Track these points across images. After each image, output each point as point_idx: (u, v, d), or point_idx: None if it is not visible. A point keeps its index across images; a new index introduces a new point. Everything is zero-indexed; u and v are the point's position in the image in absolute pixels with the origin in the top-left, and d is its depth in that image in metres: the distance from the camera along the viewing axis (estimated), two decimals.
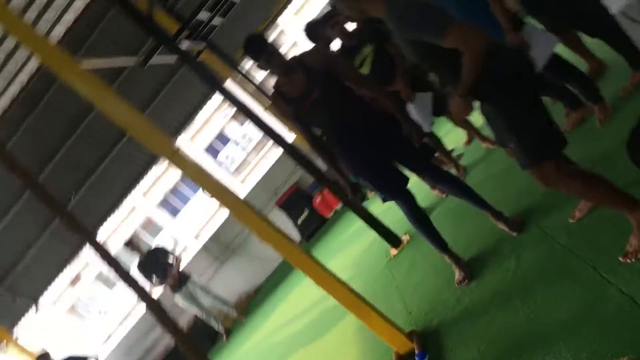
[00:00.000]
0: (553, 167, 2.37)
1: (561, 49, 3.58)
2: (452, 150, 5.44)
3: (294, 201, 9.13)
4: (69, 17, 6.61)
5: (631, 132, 1.59)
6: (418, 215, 3.61)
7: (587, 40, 3.69)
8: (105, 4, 7.37)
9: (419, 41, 2.37)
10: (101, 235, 9.99)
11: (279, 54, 3.40)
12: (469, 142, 5.44)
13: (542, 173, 2.39)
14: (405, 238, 4.83)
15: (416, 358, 2.80)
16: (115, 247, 10.00)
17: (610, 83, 3.62)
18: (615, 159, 2.78)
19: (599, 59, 3.78)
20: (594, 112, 3.44)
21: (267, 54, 3.33)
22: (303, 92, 3.35)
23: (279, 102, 3.46)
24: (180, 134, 8.89)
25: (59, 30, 6.72)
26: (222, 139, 28.41)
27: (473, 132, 5.09)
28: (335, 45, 4.54)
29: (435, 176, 3.64)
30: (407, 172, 3.59)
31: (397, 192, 3.49)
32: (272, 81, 3.56)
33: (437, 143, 5.03)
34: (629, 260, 2.28)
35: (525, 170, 2.46)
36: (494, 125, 2.56)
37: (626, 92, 3.35)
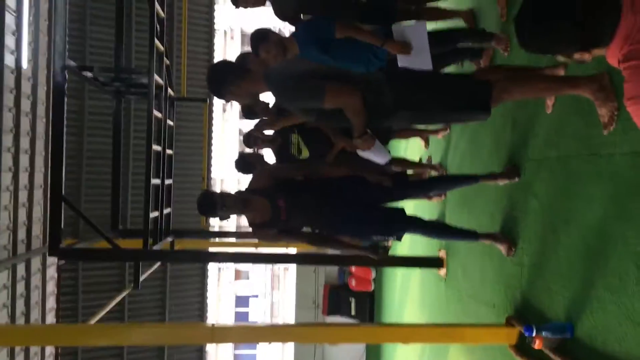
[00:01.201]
0: (498, 95, 2.56)
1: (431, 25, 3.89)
2: (420, 159, 5.64)
3: (336, 299, 9.11)
4: (50, 303, 6.81)
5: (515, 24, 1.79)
6: (435, 229, 3.73)
7: (442, 3, 4.01)
8: (72, 269, 7.62)
9: (307, 107, 2.69)
10: None
11: (230, 197, 3.51)
12: (426, 144, 5.65)
13: (497, 103, 2.61)
14: (442, 254, 4.89)
15: (526, 335, 2.82)
16: None
17: (488, 18, 3.92)
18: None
19: (465, 9, 4.10)
20: (495, 48, 3.70)
21: (220, 206, 3.44)
22: (272, 210, 3.48)
23: (262, 233, 3.59)
24: (206, 317, 8.94)
25: (50, 319, 6.87)
26: (241, 301, 28.14)
27: (423, 134, 5.32)
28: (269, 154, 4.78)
29: (421, 188, 3.79)
30: (399, 204, 3.74)
31: (403, 224, 3.60)
32: (244, 220, 3.71)
33: (405, 162, 5.23)
34: (611, 128, 2.43)
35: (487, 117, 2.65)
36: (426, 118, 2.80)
37: (504, 15, 3.63)
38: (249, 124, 4.82)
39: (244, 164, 4.68)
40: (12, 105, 6.07)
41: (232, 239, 7.76)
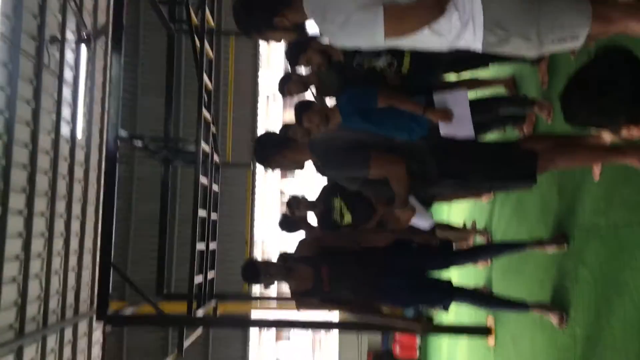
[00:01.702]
0: (543, 164, 2.57)
1: (472, 93, 3.93)
2: (464, 223, 5.57)
3: None
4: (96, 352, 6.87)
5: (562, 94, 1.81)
6: (483, 299, 3.66)
7: (485, 72, 4.07)
8: (117, 333, 7.70)
9: (351, 176, 2.74)
10: None
11: (273, 266, 3.50)
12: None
13: (542, 172, 2.63)
14: (490, 322, 4.74)
15: None
16: None
17: (529, 85, 3.94)
18: None
19: (505, 77, 4.14)
20: (538, 114, 3.70)
21: (264, 274, 3.44)
22: (314, 278, 3.44)
23: (304, 302, 3.55)
24: None
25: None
26: None
27: (467, 196, 5.27)
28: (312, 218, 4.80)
29: (467, 256, 3.73)
30: (445, 273, 3.68)
31: (450, 294, 3.53)
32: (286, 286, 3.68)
33: (448, 228, 5.17)
34: None
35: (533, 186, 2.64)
36: (470, 187, 2.81)
37: (545, 83, 3.65)
38: (291, 186, 4.89)
39: (287, 223, 4.72)
40: (66, 173, 6.35)
41: (273, 303, 7.74)
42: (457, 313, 5.81)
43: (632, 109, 1.61)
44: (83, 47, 6.75)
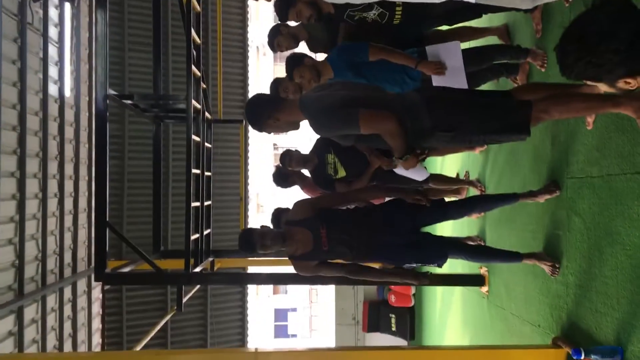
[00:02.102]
0: (537, 115, 2.56)
1: (465, 43, 3.88)
2: (457, 174, 5.59)
3: (376, 316, 9.05)
4: (96, 325, 6.95)
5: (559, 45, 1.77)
6: (476, 253, 3.69)
7: (477, 21, 4.00)
8: (116, 290, 7.77)
9: (344, 133, 2.73)
10: None
11: (269, 234, 3.35)
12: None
13: (535, 123, 2.62)
14: (483, 271, 4.82)
15: (574, 358, 2.76)
16: None
17: (523, 34, 3.89)
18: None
19: (498, 26, 4.08)
20: (531, 64, 3.66)
21: (259, 246, 3.33)
22: (313, 240, 3.35)
23: (303, 265, 3.46)
24: (247, 338, 9.00)
25: (96, 340, 7.03)
26: (279, 314, 28.19)
27: (460, 149, 5.27)
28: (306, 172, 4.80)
29: (459, 210, 3.74)
30: (438, 228, 3.68)
31: (443, 250, 3.54)
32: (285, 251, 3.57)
33: (442, 178, 5.20)
34: None
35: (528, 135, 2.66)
36: (464, 140, 2.79)
37: (539, 32, 3.60)
38: (284, 139, 4.87)
39: (281, 177, 4.71)
40: (56, 133, 6.28)
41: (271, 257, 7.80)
42: (450, 263, 5.90)
43: (631, 61, 1.59)
44: (67, 3, 6.56)
